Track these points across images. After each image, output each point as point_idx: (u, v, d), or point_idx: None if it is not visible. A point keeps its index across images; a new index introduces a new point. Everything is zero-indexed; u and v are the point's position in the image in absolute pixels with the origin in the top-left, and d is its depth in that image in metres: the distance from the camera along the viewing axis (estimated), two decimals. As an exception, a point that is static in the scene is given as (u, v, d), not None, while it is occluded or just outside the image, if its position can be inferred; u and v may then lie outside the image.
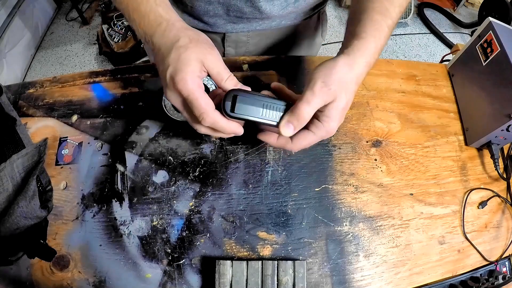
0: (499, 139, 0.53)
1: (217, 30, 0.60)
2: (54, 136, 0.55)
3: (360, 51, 0.38)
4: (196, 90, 0.36)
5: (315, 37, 0.72)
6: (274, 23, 0.60)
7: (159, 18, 0.39)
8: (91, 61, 1.90)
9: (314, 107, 0.36)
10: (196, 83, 0.36)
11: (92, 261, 0.47)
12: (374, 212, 0.51)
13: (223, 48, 0.65)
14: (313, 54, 0.75)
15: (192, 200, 0.50)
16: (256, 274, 0.44)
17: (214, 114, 0.37)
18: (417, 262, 0.49)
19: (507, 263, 0.51)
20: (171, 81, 0.36)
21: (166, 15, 0.39)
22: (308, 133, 0.39)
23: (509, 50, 0.50)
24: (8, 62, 1.66)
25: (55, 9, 2.09)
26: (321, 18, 0.70)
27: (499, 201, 0.54)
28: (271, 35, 0.65)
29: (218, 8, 0.56)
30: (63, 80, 0.60)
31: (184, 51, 0.36)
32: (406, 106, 0.60)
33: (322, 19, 0.70)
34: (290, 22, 0.61)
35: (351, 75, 0.37)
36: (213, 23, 0.59)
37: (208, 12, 0.56)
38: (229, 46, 0.65)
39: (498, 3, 1.74)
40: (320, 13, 0.68)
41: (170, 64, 0.36)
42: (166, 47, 0.37)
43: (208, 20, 0.58)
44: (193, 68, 0.36)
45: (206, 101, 0.36)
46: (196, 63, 0.36)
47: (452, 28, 2.13)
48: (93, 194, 0.50)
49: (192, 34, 0.38)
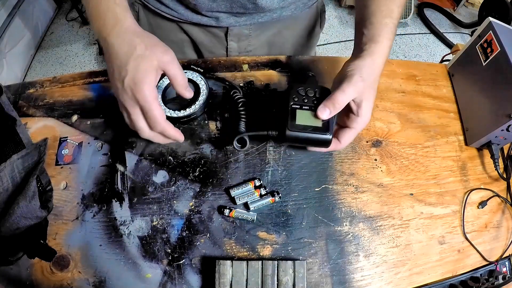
0: (499, 139, 0.53)
1: (221, 24, 0.61)
2: (54, 136, 0.55)
3: (378, 54, 0.43)
4: (153, 102, 0.40)
5: (315, 27, 0.74)
6: (275, 15, 0.61)
7: (114, 19, 0.41)
8: (91, 61, 1.90)
9: (348, 96, 0.41)
10: (153, 95, 0.40)
11: (92, 261, 0.47)
12: (374, 212, 0.51)
13: (226, 42, 0.66)
14: (313, 44, 0.78)
15: (192, 200, 0.50)
16: (256, 274, 0.44)
17: (165, 124, 0.42)
18: (417, 262, 0.49)
19: (507, 263, 0.51)
20: (128, 88, 0.40)
21: (122, 17, 0.41)
22: (350, 130, 0.44)
23: (509, 50, 0.50)
24: (8, 62, 1.66)
25: (55, 9, 2.09)
26: (319, 9, 0.72)
27: (499, 201, 0.54)
28: (273, 27, 0.66)
29: (222, 6, 0.57)
30: (63, 80, 0.60)
31: (141, 60, 0.40)
32: (406, 106, 0.60)
33: (321, 9, 0.73)
34: (290, 13, 0.63)
35: (377, 73, 0.43)
36: (216, 18, 0.60)
37: (212, 9, 0.57)
38: (231, 40, 0.66)
39: (498, 3, 1.74)
40: (318, 3, 0.70)
41: (128, 73, 0.39)
42: (123, 52, 0.40)
43: (212, 15, 0.59)
44: (151, 79, 0.40)
45: (159, 112, 0.41)
46: (153, 72, 0.41)
47: (452, 28, 2.13)
48: (93, 194, 0.50)
49: (146, 39, 0.42)
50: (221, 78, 0.58)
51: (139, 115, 0.42)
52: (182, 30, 0.66)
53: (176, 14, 0.61)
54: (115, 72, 0.41)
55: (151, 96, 0.40)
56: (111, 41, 0.41)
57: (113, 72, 0.42)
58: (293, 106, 0.43)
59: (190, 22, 0.62)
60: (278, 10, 0.60)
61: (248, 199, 0.49)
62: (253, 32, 0.65)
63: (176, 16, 0.61)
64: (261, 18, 0.61)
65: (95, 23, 0.42)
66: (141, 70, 0.40)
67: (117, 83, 0.41)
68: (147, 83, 0.40)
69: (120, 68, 0.40)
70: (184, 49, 0.69)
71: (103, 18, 0.41)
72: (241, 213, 0.48)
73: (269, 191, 0.50)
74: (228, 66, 0.61)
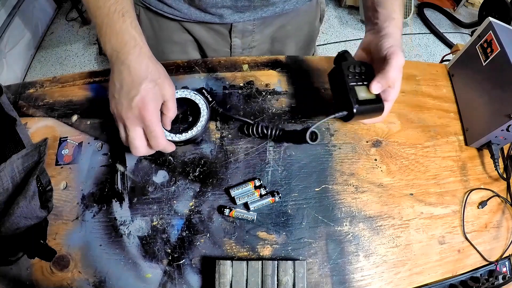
0: (499, 139, 0.53)
1: (225, 21, 0.61)
2: (54, 136, 0.55)
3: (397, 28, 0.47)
4: (158, 123, 0.45)
5: (315, 21, 0.75)
6: (277, 9, 0.62)
7: (133, 41, 0.44)
8: (91, 61, 1.90)
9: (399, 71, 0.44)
10: (158, 117, 0.45)
11: (92, 261, 0.47)
12: (374, 212, 0.51)
13: (230, 39, 0.67)
14: (313, 39, 0.80)
15: (192, 200, 0.50)
16: (256, 274, 0.44)
17: (166, 142, 0.47)
18: (417, 262, 0.49)
19: (507, 263, 0.51)
20: (136, 108, 0.43)
21: (140, 40, 0.45)
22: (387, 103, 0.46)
23: (509, 50, 0.50)
24: (8, 62, 1.66)
25: (55, 9, 2.09)
26: (319, 2, 0.73)
27: (499, 201, 0.54)
28: (275, 22, 0.67)
29: (227, 0, 0.57)
30: (63, 80, 0.60)
31: (153, 86, 0.44)
32: (406, 106, 0.60)
33: (320, 2, 0.74)
34: (292, 6, 0.63)
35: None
36: (220, 14, 0.60)
37: (217, 4, 0.57)
38: (235, 37, 0.66)
39: (498, 3, 1.74)
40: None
41: (140, 93, 0.43)
42: (139, 74, 0.43)
43: (216, 11, 0.59)
44: (158, 103, 0.45)
45: (162, 132, 0.45)
46: (160, 99, 0.45)
47: (452, 28, 2.13)
48: (93, 194, 0.50)
49: (159, 68, 0.46)
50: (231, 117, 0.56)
51: (138, 133, 0.45)
52: (185, 30, 0.66)
53: (179, 14, 0.61)
54: (123, 89, 0.43)
55: (158, 118, 0.45)
56: (128, 61, 0.43)
57: (120, 89, 0.44)
58: (350, 84, 0.46)
59: (194, 20, 0.62)
60: (281, 4, 0.61)
61: (248, 199, 0.49)
62: (256, 28, 0.65)
63: (179, 15, 0.61)
64: (264, 13, 0.61)
65: (111, 40, 0.44)
66: (152, 93, 0.43)
67: (123, 100, 0.43)
68: (155, 106, 0.44)
69: (131, 87, 0.43)
70: (187, 49, 0.69)
71: (120, 37, 0.44)
72: (241, 213, 0.48)
73: (269, 191, 0.50)
74: (228, 66, 0.61)
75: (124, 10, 0.44)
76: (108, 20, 0.44)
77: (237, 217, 0.49)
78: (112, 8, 0.44)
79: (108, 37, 0.44)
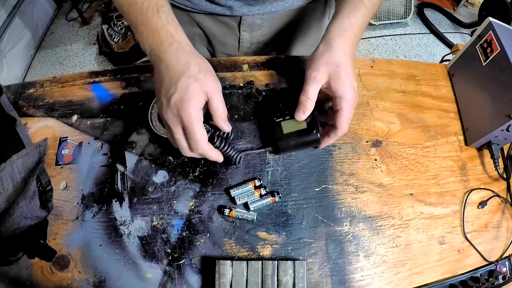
0: (499, 139, 0.53)
1: (234, 13, 0.61)
2: (54, 136, 0.55)
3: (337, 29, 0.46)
4: (197, 124, 0.40)
5: (323, 19, 0.75)
6: (287, 4, 0.62)
7: (170, 38, 0.41)
8: (91, 61, 1.90)
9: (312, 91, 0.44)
10: (198, 117, 0.40)
11: (92, 261, 0.47)
12: (374, 212, 0.51)
13: (238, 33, 0.67)
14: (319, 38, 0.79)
15: (192, 200, 0.50)
16: (256, 274, 0.44)
17: (206, 146, 0.42)
18: (417, 262, 0.49)
19: (507, 263, 0.51)
20: (175, 107, 0.40)
21: (177, 36, 0.42)
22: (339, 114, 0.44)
23: (509, 50, 0.50)
24: (8, 62, 1.66)
25: (55, 9, 2.09)
26: (328, 2, 0.72)
27: (499, 201, 0.54)
28: (283, 17, 0.67)
29: None
30: (63, 80, 0.60)
31: (193, 82, 0.40)
32: (406, 106, 0.60)
33: (330, 1, 0.73)
34: (302, 2, 0.63)
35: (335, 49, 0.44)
36: (230, 6, 0.60)
37: None
38: (244, 30, 0.66)
39: (498, 3, 1.74)
40: None
41: (178, 90, 0.39)
42: (176, 71, 0.40)
43: (226, 3, 0.59)
44: (198, 100, 0.40)
45: (202, 134, 0.41)
46: (201, 96, 0.41)
47: (452, 28, 2.13)
48: (93, 194, 0.50)
49: (201, 62, 0.42)
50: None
51: (181, 134, 0.42)
52: (194, 22, 0.66)
53: (190, 4, 0.61)
54: (163, 88, 0.41)
55: (196, 117, 0.40)
56: (166, 59, 0.41)
57: (160, 88, 0.42)
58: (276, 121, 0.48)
59: (204, 12, 0.62)
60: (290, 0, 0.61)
61: (248, 199, 0.49)
62: (265, 23, 0.65)
63: (190, 6, 0.61)
64: (273, 8, 0.61)
65: (148, 39, 0.42)
66: (191, 90, 0.40)
67: (163, 100, 0.41)
68: (194, 104, 0.40)
69: (170, 86, 0.40)
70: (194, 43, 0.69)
71: (157, 35, 0.41)
72: (241, 213, 0.48)
73: (269, 191, 0.50)
74: (228, 66, 0.61)
75: (158, 5, 0.42)
76: (142, 18, 0.42)
77: (237, 217, 0.49)
78: (146, 4, 0.41)
79: (145, 36, 0.42)
